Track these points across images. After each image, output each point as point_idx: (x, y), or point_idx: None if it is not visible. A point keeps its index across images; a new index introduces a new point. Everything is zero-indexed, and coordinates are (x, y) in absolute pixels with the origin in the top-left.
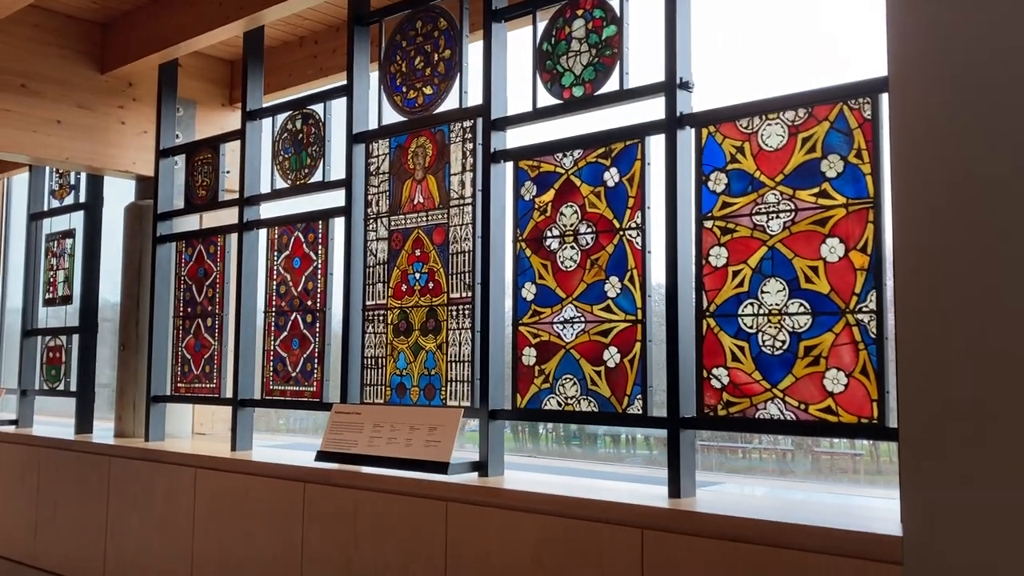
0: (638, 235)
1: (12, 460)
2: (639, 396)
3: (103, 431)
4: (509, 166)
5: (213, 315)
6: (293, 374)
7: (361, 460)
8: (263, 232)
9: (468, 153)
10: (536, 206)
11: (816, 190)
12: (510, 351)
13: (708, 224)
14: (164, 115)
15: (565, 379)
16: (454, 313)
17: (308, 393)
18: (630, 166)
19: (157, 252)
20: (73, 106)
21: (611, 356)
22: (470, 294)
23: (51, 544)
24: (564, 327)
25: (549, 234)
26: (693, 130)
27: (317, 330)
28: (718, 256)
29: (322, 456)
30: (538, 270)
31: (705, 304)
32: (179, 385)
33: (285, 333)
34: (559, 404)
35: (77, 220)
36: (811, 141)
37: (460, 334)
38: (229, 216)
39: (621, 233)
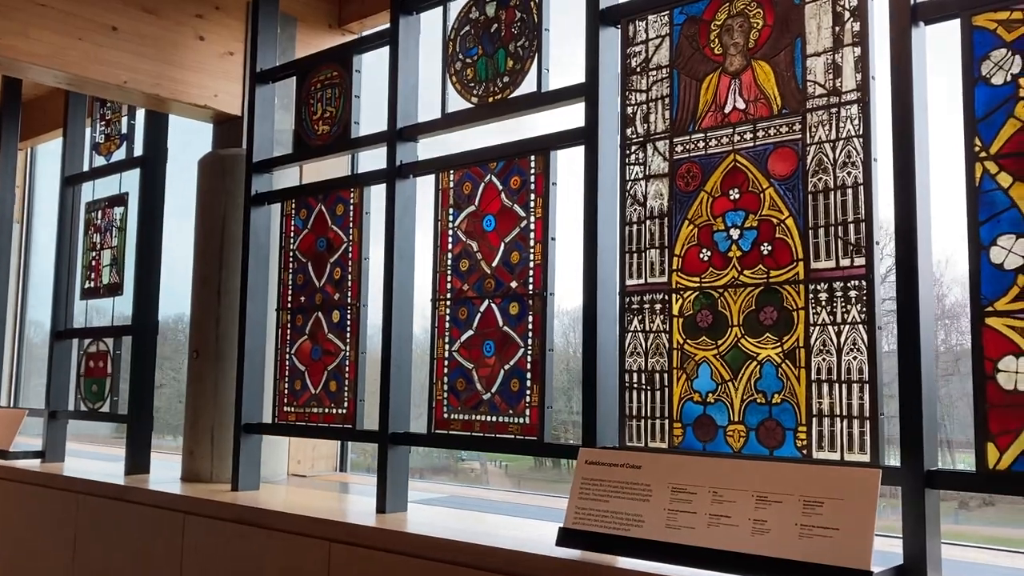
0: None
1: (40, 508)
2: None
3: (163, 467)
4: (949, 27)
5: (344, 307)
6: (486, 396)
7: (654, 551)
8: (427, 180)
9: (848, 12)
10: None
11: None
12: (968, 363)
13: None
14: (263, 24)
15: None
16: (823, 297)
17: (515, 427)
18: None
19: (252, 218)
20: (135, 8)
21: None
22: (860, 262)
23: None
24: None
25: None
26: None
27: (529, 327)
28: None
29: (571, 537)
30: None
31: None
32: (286, 409)
33: (470, 332)
34: None
35: (130, 182)
36: None
37: (839, 332)
38: (371, 161)
39: None
